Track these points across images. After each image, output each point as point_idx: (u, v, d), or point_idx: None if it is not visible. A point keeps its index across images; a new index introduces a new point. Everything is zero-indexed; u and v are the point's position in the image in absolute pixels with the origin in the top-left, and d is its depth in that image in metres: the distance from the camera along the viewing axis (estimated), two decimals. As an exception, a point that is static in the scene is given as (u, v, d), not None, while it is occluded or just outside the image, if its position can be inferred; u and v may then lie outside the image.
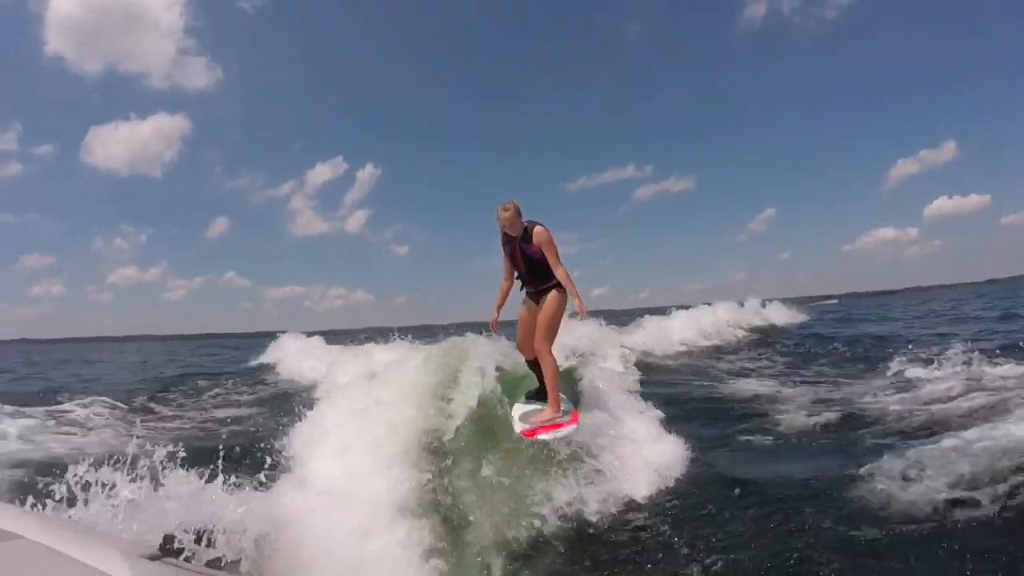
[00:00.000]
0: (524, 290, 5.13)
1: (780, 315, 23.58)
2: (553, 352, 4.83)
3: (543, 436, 4.46)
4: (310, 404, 4.57)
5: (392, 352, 9.12)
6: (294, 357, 13.24)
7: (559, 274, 4.76)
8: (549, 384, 4.80)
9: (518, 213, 4.83)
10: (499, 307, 5.17)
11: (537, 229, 4.79)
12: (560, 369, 5.00)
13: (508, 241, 4.94)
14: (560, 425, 4.55)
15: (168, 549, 2.02)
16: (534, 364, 5.12)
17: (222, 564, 2.38)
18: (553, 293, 4.85)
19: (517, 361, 5.65)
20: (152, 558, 1.11)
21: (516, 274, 5.07)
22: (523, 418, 4.81)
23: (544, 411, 4.77)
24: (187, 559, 2.10)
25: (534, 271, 4.90)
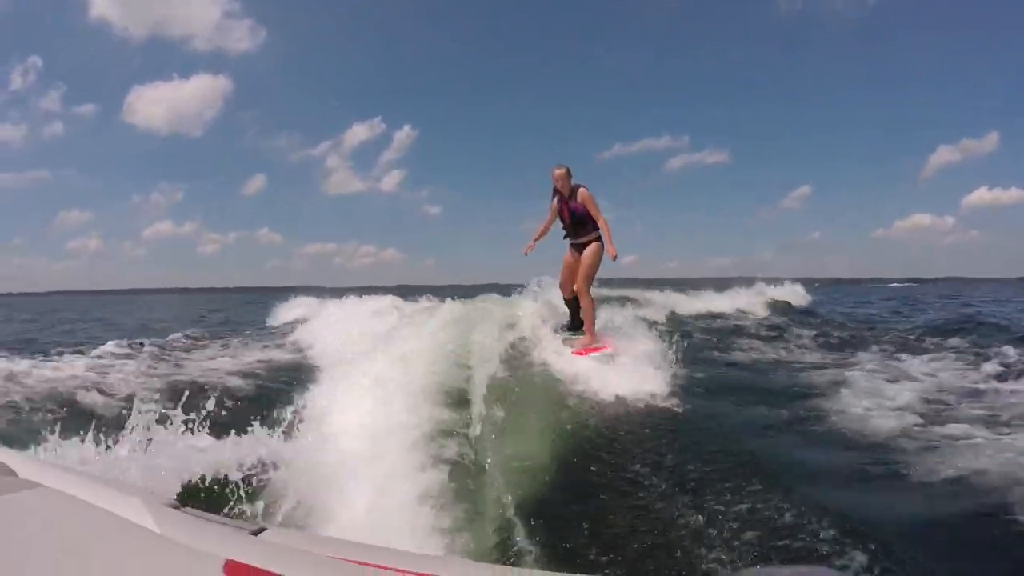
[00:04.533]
0: (568, 240, 6.09)
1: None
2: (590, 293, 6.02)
3: (593, 355, 5.61)
4: (329, 360, 4.54)
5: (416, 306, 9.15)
6: (313, 315, 13.21)
7: (601, 222, 5.79)
8: (587, 317, 5.99)
9: (569, 175, 5.89)
10: (536, 239, 6.20)
11: (581, 191, 5.80)
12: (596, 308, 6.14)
13: (559, 196, 5.92)
14: (599, 348, 5.76)
15: (190, 498, 2.09)
16: (572, 302, 6.25)
17: (244, 514, 2.44)
18: (593, 245, 5.88)
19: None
20: (174, 507, 1.12)
21: (562, 225, 6.04)
22: (566, 343, 6.02)
23: (583, 338, 5.96)
24: (208, 509, 2.16)
25: (576, 225, 5.92)
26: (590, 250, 5.90)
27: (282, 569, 0.82)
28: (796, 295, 20.18)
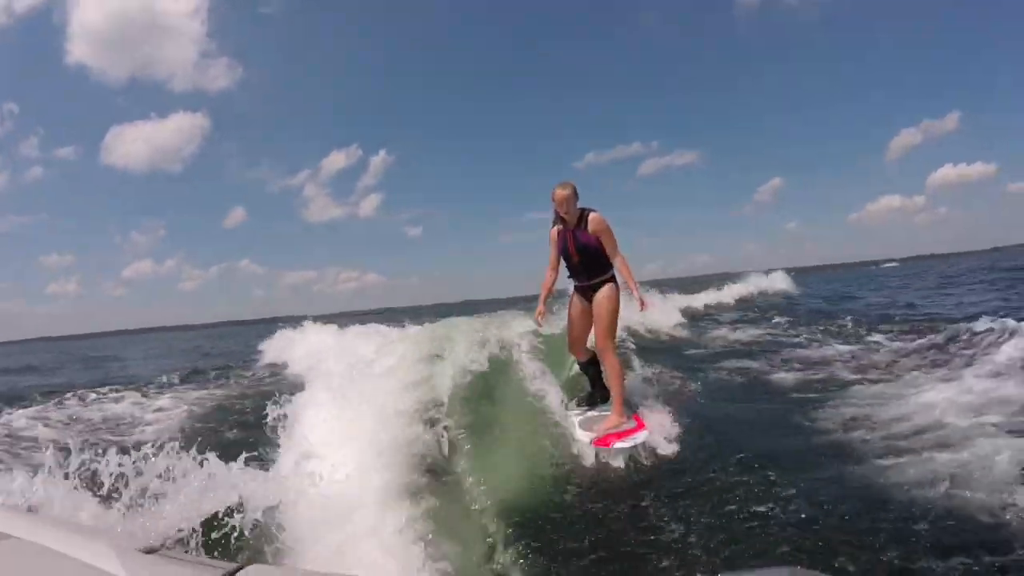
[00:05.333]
0: (574, 284, 4.60)
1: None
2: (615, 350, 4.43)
3: (618, 444, 3.97)
4: (302, 388, 4.44)
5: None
6: (290, 345, 13.27)
7: (617, 262, 4.35)
8: (614, 386, 4.38)
9: (575, 195, 4.33)
10: (544, 299, 4.52)
11: (593, 215, 4.33)
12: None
13: (562, 225, 4.43)
14: (631, 432, 4.10)
15: (162, 541, 2.07)
16: (587, 365, 4.81)
17: (217, 553, 2.41)
18: (609, 286, 4.42)
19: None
20: (146, 551, 1.16)
21: (567, 265, 4.53)
22: (584, 425, 4.36)
23: (609, 417, 4.28)
24: (182, 549, 2.14)
25: (587, 262, 4.41)
26: (605, 295, 4.41)
27: None
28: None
